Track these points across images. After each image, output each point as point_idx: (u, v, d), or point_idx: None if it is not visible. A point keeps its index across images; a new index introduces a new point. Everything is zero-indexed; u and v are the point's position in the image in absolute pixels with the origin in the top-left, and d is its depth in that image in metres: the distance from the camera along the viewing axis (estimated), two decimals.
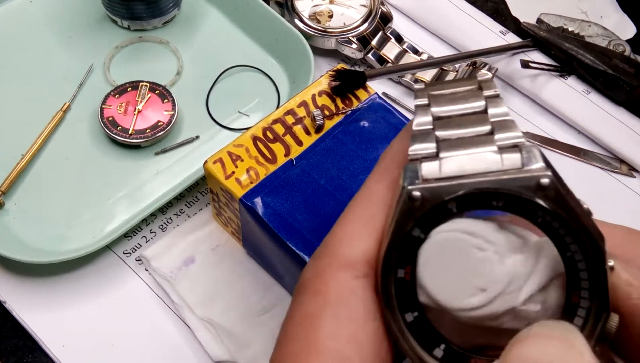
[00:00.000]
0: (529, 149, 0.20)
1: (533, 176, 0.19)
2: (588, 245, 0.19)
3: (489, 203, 0.19)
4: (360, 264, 0.21)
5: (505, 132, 0.20)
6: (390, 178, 0.22)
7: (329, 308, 0.20)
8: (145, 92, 0.50)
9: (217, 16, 0.56)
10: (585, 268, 0.19)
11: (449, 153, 0.20)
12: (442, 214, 0.20)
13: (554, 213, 0.19)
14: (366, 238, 0.21)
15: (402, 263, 0.20)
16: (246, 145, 0.40)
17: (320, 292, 0.20)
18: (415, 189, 0.20)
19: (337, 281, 0.20)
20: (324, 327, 0.20)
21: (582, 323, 0.19)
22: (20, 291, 0.43)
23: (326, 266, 0.21)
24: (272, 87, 0.53)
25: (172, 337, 0.42)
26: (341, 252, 0.21)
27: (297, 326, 0.20)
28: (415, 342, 0.20)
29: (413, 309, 0.20)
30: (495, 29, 0.58)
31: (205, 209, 0.47)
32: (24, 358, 0.42)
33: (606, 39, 0.57)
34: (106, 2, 0.54)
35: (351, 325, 0.20)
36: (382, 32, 0.55)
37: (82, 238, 0.44)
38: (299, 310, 0.21)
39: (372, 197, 0.22)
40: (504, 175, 0.19)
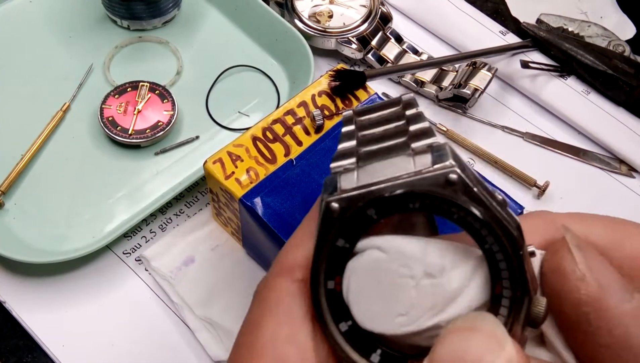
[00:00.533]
0: (440, 147, 0.20)
1: (441, 174, 0.19)
2: (501, 234, 0.19)
3: (406, 205, 0.20)
4: (298, 269, 0.21)
5: (421, 139, 0.21)
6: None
7: (269, 312, 0.21)
8: (145, 92, 0.50)
9: (217, 16, 0.56)
10: (503, 257, 0.19)
11: (365, 163, 0.21)
12: (364, 222, 0.20)
13: (464, 207, 0.19)
14: (307, 246, 0.22)
15: (331, 275, 0.21)
16: (246, 145, 0.40)
17: (263, 298, 0.21)
18: (332, 201, 0.20)
19: (277, 286, 0.21)
20: (264, 330, 0.20)
21: (507, 312, 0.19)
22: (20, 291, 0.43)
23: (272, 275, 0.22)
24: (272, 87, 0.53)
25: (172, 337, 0.42)
26: (284, 260, 0.22)
27: (244, 332, 0.21)
28: (351, 349, 0.20)
29: (347, 318, 0.20)
30: (495, 29, 0.58)
31: (205, 210, 0.47)
32: (24, 358, 0.42)
33: (606, 39, 0.57)
34: (106, 2, 0.54)
35: (289, 326, 0.20)
36: (382, 33, 0.55)
37: (82, 238, 0.44)
38: (246, 318, 0.22)
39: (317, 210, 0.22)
40: (415, 176, 0.20)
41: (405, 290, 0.20)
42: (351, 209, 0.20)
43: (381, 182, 0.20)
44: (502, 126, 0.53)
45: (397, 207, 0.20)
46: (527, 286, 0.19)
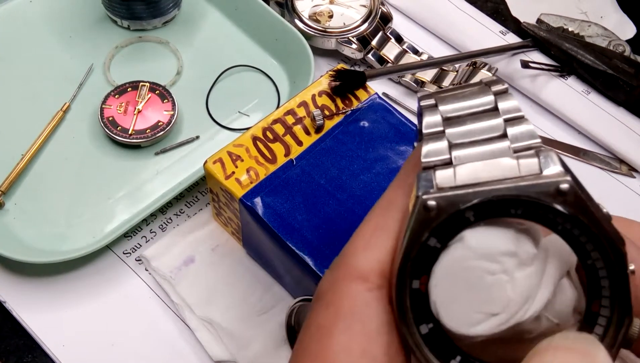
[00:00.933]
0: (547, 153, 0.19)
1: (552, 182, 0.18)
2: (609, 250, 0.18)
3: (508, 210, 0.19)
4: (374, 275, 0.20)
5: (518, 128, 0.20)
6: (409, 184, 0.21)
7: (342, 322, 0.20)
8: (145, 92, 0.50)
9: (217, 16, 0.56)
10: (607, 275, 0.19)
11: (463, 159, 0.20)
12: (460, 223, 0.19)
13: (574, 219, 0.18)
14: (381, 248, 0.21)
15: (417, 274, 0.20)
16: (246, 145, 0.40)
17: (334, 304, 0.20)
18: (430, 199, 0.19)
19: (350, 293, 0.20)
20: (336, 341, 0.19)
21: (602, 332, 0.19)
22: (20, 291, 0.43)
23: (340, 277, 0.21)
24: (272, 87, 0.53)
25: (172, 337, 0.42)
26: (355, 263, 0.21)
27: (311, 339, 0.20)
28: (431, 354, 0.19)
29: (428, 320, 0.20)
30: (495, 29, 0.58)
31: (205, 209, 0.47)
32: (24, 358, 0.42)
33: (606, 39, 0.57)
34: (106, 2, 0.54)
35: (364, 338, 0.19)
36: (382, 32, 0.55)
37: (82, 238, 0.44)
38: (313, 322, 0.20)
39: (390, 205, 0.21)
40: (522, 181, 0.19)
41: (499, 287, 0.19)
42: (450, 209, 0.19)
43: (484, 184, 0.19)
44: None
45: (498, 211, 0.19)
46: (629, 308, 0.18)
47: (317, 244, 0.37)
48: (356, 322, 0.20)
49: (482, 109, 0.21)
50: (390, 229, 0.21)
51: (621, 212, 0.51)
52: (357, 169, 0.40)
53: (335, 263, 0.22)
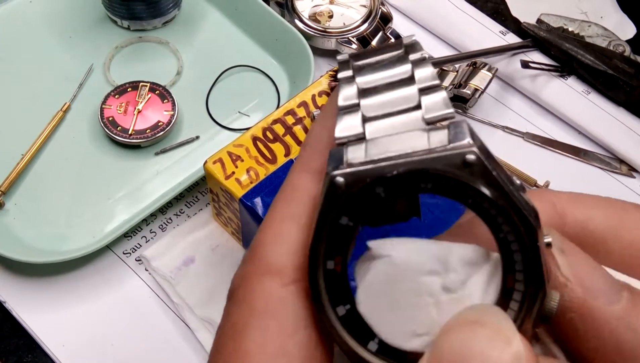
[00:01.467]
0: (458, 124, 0.19)
1: (458, 153, 0.18)
2: (518, 223, 0.18)
3: (418, 185, 0.18)
4: (287, 269, 0.19)
5: (431, 98, 0.19)
6: (312, 167, 0.20)
7: (256, 320, 0.19)
8: (145, 92, 0.50)
9: (217, 16, 0.56)
10: (518, 248, 0.18)
11: (375, 133, 0.19)
12: (371, 200, 0.19)
13: (480, 191, 0.18)
14: (292, 238, 0.20)
15: (331, 255, 0.19)
16: (246, 145, 0.40)
17: (246, 302, 0.19)
18: (338, 175, 0.19)
19: (262, 289, 0.19)
20: (251, 340, 0.18)
21: (518, 307, 0.18)
22: (20, 291, 0.43)
23: (251, 273, 0.20)
24: (272, 88, 0.53)
25: (172, 337, 0.42)
26: (266, 257, 0.20)
27: (225, 338, 0.19)
28: (348, 336, 0.19)
29: (345, 302, 0.19)
30: (495, 29, 0.58)
31: (205, 210, 0.47)
32: (24, 358, 0.42)
33: (606, 39, 0.57)
34: (106, 2, 0.54)
35: (280, 336, 0.19)
36: (382, 33, 0.55)
37: (82, 238, 0.44)
38: (227, 321, 0.19)
39: (295, 191, 0.20)
40: (429, 154, 0.18)
41: (424, 309, 0.18)
42: (358, 185, 0.19)
43: (392, 158, 0.18)
44: (502, 126, 0.53)
45: (408, 187, 0.18)
46: (542, 281, 0.18)
47: None
48: (271, 320, 0.19)
49: (399, 79, 0.20)
50: (298, 216, 0.20)
51: None
52: None
53: (245, 257, 0.20)
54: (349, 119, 0.20)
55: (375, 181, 0.18)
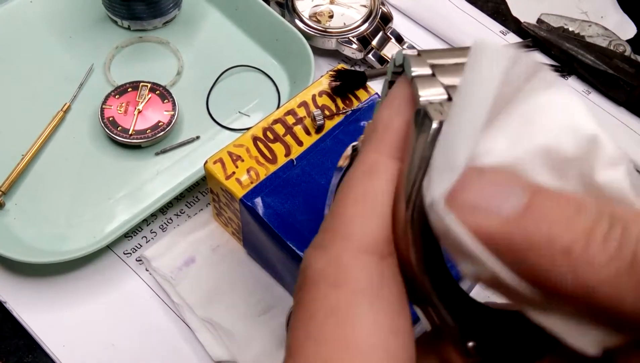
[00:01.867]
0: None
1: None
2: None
3: None
4: (381, 243, 0.18)
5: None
6: (386, 149, 0.20)
7: (361, 298, 0.17)
8: (146, 92, 0.50)
9: (218, 16, 0.56)
10: None
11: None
12: None
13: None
14: (379, 214, 0.19)
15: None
16: (246, 145, 0.40)
17: (342, 282, 0.18)
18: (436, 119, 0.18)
19: (361, 266, 0.18)
20: (362, 321, 0.17)
21: None
22: (20, 291, 0.43)
23: (341, 252, 0.18)
24: (273, 88, 0.53)
25: (173, 337, 0.42)
26: (356, 234, 0.18)
27: (323, 323, 0.17)
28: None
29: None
30: (495, 29, 0.58)
31: (205, 210, 0.47)
32: (24, 358, 0.42)
33: (606, 39, 0.57)
34: (106, 3, 0.54)
35: (390, 313, 0.18)
36: (382, 32, 0.55)
37: (82, 238, 0.44)
38: (320, 307, 0.18)
39: (373, 169, 0.19)
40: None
41: None
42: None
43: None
44: None
45: None
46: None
47: None
48: (377, 297, 0.18)
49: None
50: (376, 191, 0.19)
51: None
52: None
53: (324, 240, 0.19)
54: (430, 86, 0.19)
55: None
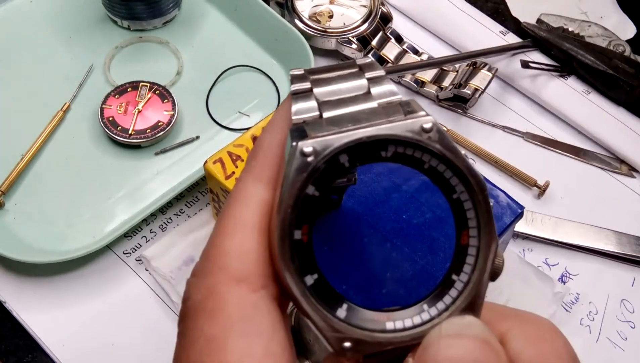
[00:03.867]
0: (409, 101, 0.20)
1: (416, 121, 0.20)
2: (472, 182, 0.20)
3: (378, 153, 0.20)
4: (254, 277, 0.20)
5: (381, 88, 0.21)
6: (264, 176, 0.21)
7: (236, 327, 0.19)
8: (146, 92, 0.50)
9: (217, 16, 0.56)
10: (472, 206, 0.20)
11: (332, 114, 0.20)
12: (335, 170, 0.20)
13: (440, 155, 0.19)
14: (253, 246, 0.20)
15: (298, 224, 0.20)
16: (246, 145, 0.40)
17: (219, 313, 0.19)
18: (307, 145, 0.19)
19: (235, 298, 0.19)
20: (235, 348, 0.19)
21: (474, 261, 0.20)
22: (21, 291, 0.43)
23: (217, 284, 0.20)
24: (272, 88, 0.53)
25: (172, 337, 0.42)
26: (230, 266, 0.20)
27: (202, 353, 0.19)
28: (317, 304, 0.20)
29: (312, 271, 0.20)
30: (495, 29, 0.58)
31: (205, 209, 0.47)
32: (24, 358, 0.42)
33: (606, 39, 0.57)
34: (106, 2, 0.54)
35: (263, 339, 0.19)
36: (382, 33, 0.55)
37: (82, 238, 0.44)
38: (199, 336, 0.19)
39: (248, 199, 0.21)
40: (390, 123, 0.20)
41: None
42: (324, 154, 0.19)
43: (354, 128, 0.20)
44: (502, 126, 0.53)
45: (369, 155, 0.20)
46: (495, 234, 0.20)
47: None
48: (251, 325, 0.19)
49: (349, 72, 0.22)
50: (254, 224, 0.20)
51: (621, 212, 0.51)
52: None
53: (203, 269, 0.20)
54: (304, 103, 0.21)
55: (340, 149, 0.19)
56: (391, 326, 0.19)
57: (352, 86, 0.21)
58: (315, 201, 0.20)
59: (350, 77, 0.22)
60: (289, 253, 0.19)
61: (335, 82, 0.21)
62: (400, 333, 0.19)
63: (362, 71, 0.22)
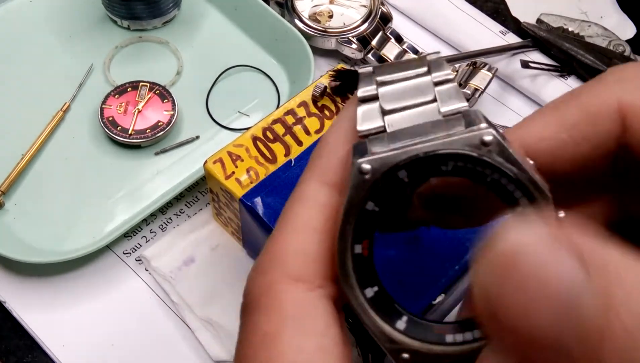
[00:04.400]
0: (471, 112, 0.20)
1: (476, 134, 0.19)
2: (536, 196, 0.19)
3: (439, 168, 0.20)
4: (311, 277, 0.20)
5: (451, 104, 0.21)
6: (327, 178, 0.22)
7: (290, 324, 0.20)
8: (145, 92, 0.50)
9: (217, 16, 0.56)
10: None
11: (395, 125, 0.21)
12: (394, 185, 0.20)
13: (500, 168, 0.19)
14: (313, 247, 0.21)
15: (358, 239, 0.20)
16: (246, 145, 0.40)
17: (275, 310, 0.20)
18: (364, 162, 0.20)
19: (291, 296, 0.20)
20: (288, 343, 0.19)
21: None
22: (20, 291, 0.43)
23: (275, 282, 0.20)
24: (272, 87, 0.53)
25: (172, 337, 0.42)
26: (289, 264, 0.20)
27: (257, 348, 0.20)
28: (377, 316, 0.20)
29: (372, 284, 0.20)
30: (495, 29, 0.58)
31: (205, 209, 0.47)
32: (24, 358, 0.42)
33: (606, 39, 0.57)
34: (106, 2, 0.54)
35: (316, 336, 0.20)
36: (382, 32, 0.55)
37: (82, 238, 0.44)
38: (256, 331, 0.20)
39: (311, 200, 0.21)
40: (449, 137, 0.20)
41: None
42: (383, 170, 0.20)
43: (413, 144, 0.20)
44: (502, 126, 0.53)
45: (429, 170, 0.20)
46: None
47: None
48: (304, 323, 0.20)
49: (416, 73, 0.22)
50: (316, 225, 0.21)
51: None
52: None
53: (263, 265, 0.21)
54: (369, 112, 0.21)
55: (399, 165, 0.20)
56: (451, 339, 0.20)
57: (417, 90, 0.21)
58: (375, 216, 0.20)
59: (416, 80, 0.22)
60: (350, 266, 0.20)
61: (401, 86, 0.22)
62: (460, 346, 0.19)
63: (429, 72, 0.22)
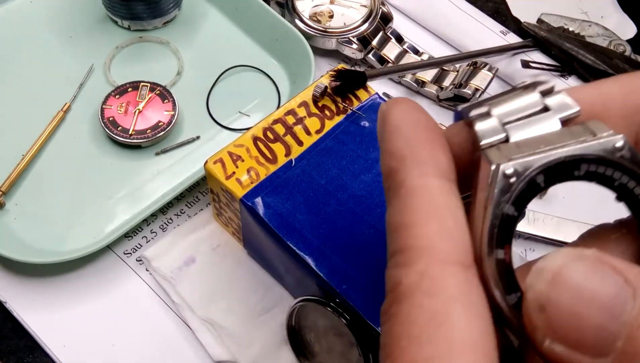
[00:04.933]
0: (592, 121, 0.21)
1: (609, 140, 0.20)
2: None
3: (572, 173, 0.20)
4: (461, 255, 0.20)
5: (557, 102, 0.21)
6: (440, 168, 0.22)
7: (456, 304, 0.19)
8: (146, 92, 0.50)
9: (218, 16, 0.56)
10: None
11: (519, 134, 0.21)
12: (533, 190, 0.20)
13: (633, 172, 0.20)
14: (453, 226, 0.21)
15: (501, 244, 0.20)
16: (247, 145, 0.40)
17: (436, 291, 0.20)
18: (507, 167, 0.20)
19: (450, 276, 0.20)
20: (458, 323, 0.19)
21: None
22: (21, 291, 0.43)
23: (429, 265, 0.20)
24: (273, 88, 0.53)
25: (173, 337, 0.42)
26: (438, 248, 0.20)
27: (426, 329, 0.19)
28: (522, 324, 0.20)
29: (515, 290, 0.20)
30: (495, 29, 0.58)
31: (205, 210, 0.47)
32: (24, 358, 0.42)
33: (607, 39, 0.57)
34: (106, 2, 0.54)
35: (479, 317, 0.20)
36: (382, 32, 0.55)
37: (83, 238, 0.44)
38: (419, 314, 0.20)
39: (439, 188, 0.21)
40: (583, 143, 0.20)
41: None
42: (525, 174, 0.20)
43: (548, 150, 0.20)
44: None
45: (563, 174, 0.20)
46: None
47: (318, 244, 0.37)
48: (468, 301, 0.20)
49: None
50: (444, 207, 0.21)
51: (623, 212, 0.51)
52: (357, 169, 0.40)
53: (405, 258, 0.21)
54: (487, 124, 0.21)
55: (540, 170, 0.20)
56: None
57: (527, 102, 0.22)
58: (514, 221, 0.20)
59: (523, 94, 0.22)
60: (496, 272, 0.20)
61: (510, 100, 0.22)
62: None
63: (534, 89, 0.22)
